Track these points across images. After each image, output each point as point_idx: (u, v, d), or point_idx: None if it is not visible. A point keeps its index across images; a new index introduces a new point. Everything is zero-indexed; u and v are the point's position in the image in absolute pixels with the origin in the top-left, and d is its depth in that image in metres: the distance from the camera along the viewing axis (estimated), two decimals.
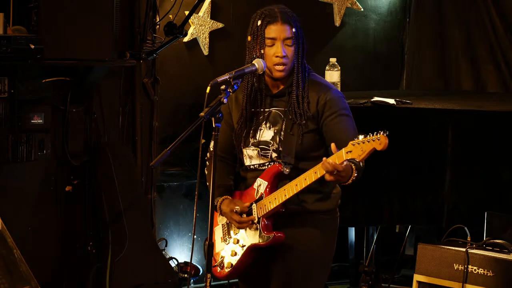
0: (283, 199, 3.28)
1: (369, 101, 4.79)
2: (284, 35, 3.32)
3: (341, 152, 3.07)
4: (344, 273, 5.71)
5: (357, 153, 3.03)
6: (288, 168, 3.33)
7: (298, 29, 3.36)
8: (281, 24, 3.32)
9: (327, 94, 3.35)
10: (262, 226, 3.35)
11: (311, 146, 3.33)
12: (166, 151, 3.13)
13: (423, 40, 6.52)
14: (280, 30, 3.32)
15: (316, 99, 3.34)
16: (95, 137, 5.02)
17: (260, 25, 3.35)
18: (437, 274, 4.52)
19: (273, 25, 3.33)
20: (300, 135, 3.32)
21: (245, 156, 3.45)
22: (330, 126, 3.31)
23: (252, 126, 3.43)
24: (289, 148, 3.34)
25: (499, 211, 4.62)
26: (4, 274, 3.83)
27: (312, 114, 3.34)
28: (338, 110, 3.33)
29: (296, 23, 3.35)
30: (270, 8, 3.39)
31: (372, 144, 3.00)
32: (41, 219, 4.83)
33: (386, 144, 2.99)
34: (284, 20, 3.33)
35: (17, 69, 4.58)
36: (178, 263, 5.20)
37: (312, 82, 3.39)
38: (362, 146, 3.02)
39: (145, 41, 5.06)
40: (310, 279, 3.41)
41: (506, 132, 4.71)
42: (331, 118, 3.32)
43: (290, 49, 3.34)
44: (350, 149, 3.05)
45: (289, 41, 3.33)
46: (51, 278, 4.84)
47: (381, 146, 2.99)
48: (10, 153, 4.65)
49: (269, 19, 3.34)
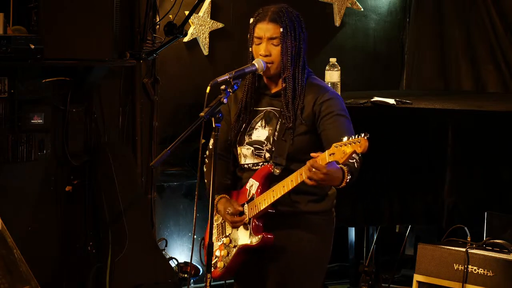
0: (271, 200, 3.27)
1: (369, 101, 4.79)
2: (269, 34, 3.32)
3: (324, 155, 3.07)
4: (344, 273, 5.71)
5: (339, 155, 3.03)
6: (279, 169, 3.32)
7: (290, 28, 3.32)
8: (267, 23, 3.32)
9: (324, 95, 3.34)
10: (253, 227, 3.34)
11: (304, 148, 3.30)
12: (166, 151, 3.13)
13: (423, 40, 6.52)
14: (265, 29, 3.32)
15: (314, 100, 3.33)
16: (95, 137, 5.02)
17: (251, 23, 3.37)
18: (437, 274, 4.52)
19: (260, 24, 3.34)
20: (290, 138, 3.31)
21: (239, 155, 3.45)
22: (326, 125, 3.30)
23: (248, 125, 3.43)
24: (281, 149, 3.33)
25: (499, 211, 4.62)
26: (4, 274, 3.83)
27: (307, 115, 3.33)
28: (335, 110, 3.31)
29: (288, 22, 3.32)
30: (268, 6, 3.39)
31: (352, 146, 3.00)
32: (41, 219, 4.83)
33: (366, 146, 2.99)
34: (272, 19, 3.32)
35: (17, 69, 4.58)
36: (178, 263, 5.20)
37: (310, 85, 3.38)
38: (344, 149, 3.02)
39: (145, 41, 5.06)
40: (305, 280, 3.40)
41: (506, 132, 4.71)
42: (327, 117, 3.30)
43: (276, 48, 3.32)
44: (333, 151, 3.04)
45: (275, 40, 3.32)
46: (51, 278, 4.84)
47: (361, 149, 2.99)
48: (10, 153, 4.65)
49: (259, 18, 3.35)
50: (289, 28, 3.32)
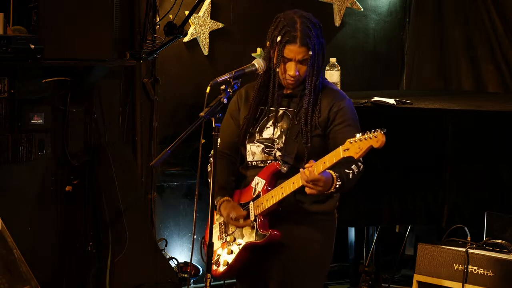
0: (280, 197, 3.28)
1: (369, 101, 4.79)
2: (300, 57, 3.33)
3: (338, 150, 3.09)
4: (344, 273, 5.71)
5: (354, 151, 3.04)
6: (286, 167, 3.33)
7: (318, 48, 3.32)
8: (299, 47, 3.31)
9: (341, 102, 3.37)
10: (259, 224, 3.35)
11: (315, 151, 3.31)
12: (166, 151, 3.14)
13: (423, 40, 6.52)
14: (296, 52, 3.32)
15: (330, 105, 3.36)
16: (95, 137, 5.01)
17: (279, 42, 3.33)
18: (437, 274, 4.52)
19: (291, 46, 3.32)
20: (303, 140, 3.32)
21: (248, 152, 3.45)
22: (336, 134, 3.33)
23: (260, 123, 3.43)
24: (291, 148, 3.34)
25: (499, 211, 4.62)
26: (4, 274, 3.83)
27: (322, 120, 3.35)
28: (348, 120, 3.35)
29: (316, 42, 3.31)
30: (291, 19, 3.34)
31: (369, 141, 3.01)
32: (41, 219, 4.83)
33: (383, 141, 3.00)
34: (303, 43, 3.30)
35: (17, 69, 4.58)
36: (178, 263, 5.20)
37: (325, 89, 3.40)
38: (359, 144, 3.03)
39: (145, 41, 5.05)
40: (308, 280, 3.40)
41: (506, 132, 4.72)
42: (340, 127, 3.33)
43: (304, 67, 3.35)
44: (348, 146, 3.06)
45: (304, 62, 3.34)
46: (51, 278, 4.84)
47: (378, 144, 3.00)
48: (10, 153, 4.65)
49: (288, 39, 3.31)
50: (317, 49, 3.34)
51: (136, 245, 4.88)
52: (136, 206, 5.02)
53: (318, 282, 3.47)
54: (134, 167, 5.14)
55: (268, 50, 3.40)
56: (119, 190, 4.91)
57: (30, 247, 4.57)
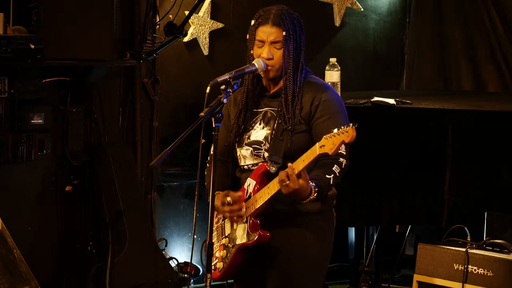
0: (267, 197, 3.26)
1: (369, 101, 4.79)
2: (272, 38, 3.32)
3: (315, 147, 3.08)
4: (344, 273, 5.71)
5: (329, 147, 3.03)
6: (275, 166, 3.31)
7: (292, 32, 3.33)
8: (270, 27, 3.32)
9: (322, 95, 3.34)
10: (250, 225, 3.33)
11: (301, 147, 3.27)
12: (166, 151, 3.14)
13: (423, 40, 6.52)
14: (268, 32, 3.32)
15: (311, 99, 3.34)
16: (95, 137, 5.02)
17: (253, 26, 3.37)
18: (437, 274, 4.52)
19: (263, 27, 3.34)
20: (288, 138, 3.31)
21: (239, 156, 3.45)
22: (316, 129, 3.30)
23: (247, 126, 3.43)
24: (278, 148, 3.33)
25: (499, 211, 4.62)
26: (4, 274, 3.83)
27: (305, 114, 3.33)
28: (328, 113, 3.31)
29: (290, 26, 3.32)
30: (269, 8, 3.38)
31: (341, 136, 3.01)
32: (41, 219, 4.83)
33: (354, 136, 2.99)
34: (275, 23, 3.32)
35: (17, 69, 4.58)
36: (178, 263, 5.20)
37: (309, 84, 3.38)
38: (333, 140, 3.02)
39: (145, 41, 5.05)
40: (306, 281, 3.39)
41: (506, 132, 4.72)
42: (320, 121, 3.31)
43: (278, 51, 3.33)
44: (323, 143, 3.05)
45: (278, 44, 3.32)
46: (51, 278, 4.84)
47: (349, 139, 3.00)
48: (10, 153, 4.65)
49: (261, 20, 3.35)
50: (291, 32, 3.33)
51: (136, 245, 4.89)
52: (136, 206, 5.02)
53: (316, 283, 3.45)
54: (134, 167, 5.14)
55: (247, 45, 3.40)
56: (119, 190, 4.91)
57: (30, 247, 4.57)
